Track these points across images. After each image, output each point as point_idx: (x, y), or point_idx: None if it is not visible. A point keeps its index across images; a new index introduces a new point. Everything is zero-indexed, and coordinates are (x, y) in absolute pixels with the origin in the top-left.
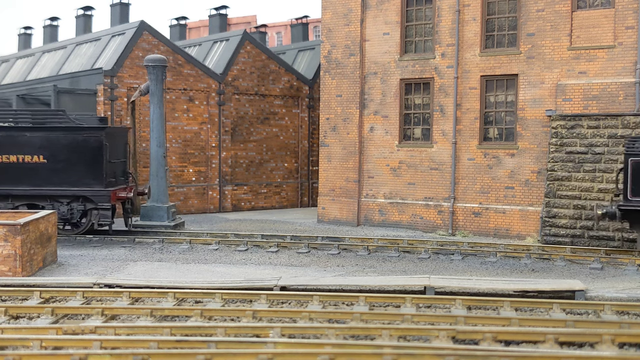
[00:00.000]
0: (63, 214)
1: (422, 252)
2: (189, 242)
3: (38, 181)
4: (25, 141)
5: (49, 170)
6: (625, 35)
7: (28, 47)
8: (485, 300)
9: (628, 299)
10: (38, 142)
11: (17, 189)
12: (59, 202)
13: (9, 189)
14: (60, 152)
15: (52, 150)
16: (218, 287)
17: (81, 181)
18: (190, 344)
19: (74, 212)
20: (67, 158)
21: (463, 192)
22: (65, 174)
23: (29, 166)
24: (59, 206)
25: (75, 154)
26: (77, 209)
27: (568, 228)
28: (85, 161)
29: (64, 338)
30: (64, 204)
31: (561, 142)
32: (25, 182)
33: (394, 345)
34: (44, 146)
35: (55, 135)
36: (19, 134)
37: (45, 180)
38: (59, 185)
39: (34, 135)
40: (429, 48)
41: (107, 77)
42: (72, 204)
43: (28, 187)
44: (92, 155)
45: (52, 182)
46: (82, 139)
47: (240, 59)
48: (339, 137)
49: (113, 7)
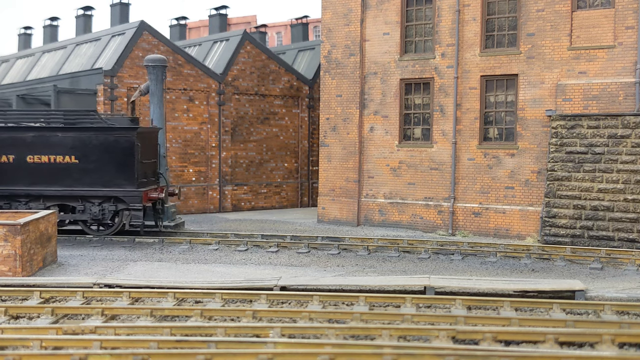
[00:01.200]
0: (95, 215)
1: (422, 252)
2: (189, 242)
3: (70, 181)
4: (57, 141)
5: (81, 170)
6: (625, 35)
7: (28, 47)
8: (485, 300)
9: (628, 299)
10: (70, 142)
11: (48, 190)
12: (90, 203)
13: (41, 190)
14: (92, 152)
15: (84, 151)
16: (218, 287)
17: (113, 182)
18: (190, 344)
19: (106, 212)
20: (99, 158)
21: (463, 192)
22: (97, 175)
23: (60, 166)
24: (90, 207)
25: (106, 154)
26: (108, 210)
27: (568, 228)
28: (116, 161)
29: (64, 338)
30: (95, 205)
31: (561, 142)
32: (57, 182)
33: (394, 345)
34: (76, 146)
35: (87, 136)
36: (51, 134)
37: (77, 180)
38: (91, 185)
39: (66, 136)
40: (429, 48)
41: (107, 77)
42: (104, 205)
43: (60, 187)
44: (123, 156)
45: (84, 183)
46: (114, 139)
47: (240, 59)
48: (339, 137)
49: (113, 7)
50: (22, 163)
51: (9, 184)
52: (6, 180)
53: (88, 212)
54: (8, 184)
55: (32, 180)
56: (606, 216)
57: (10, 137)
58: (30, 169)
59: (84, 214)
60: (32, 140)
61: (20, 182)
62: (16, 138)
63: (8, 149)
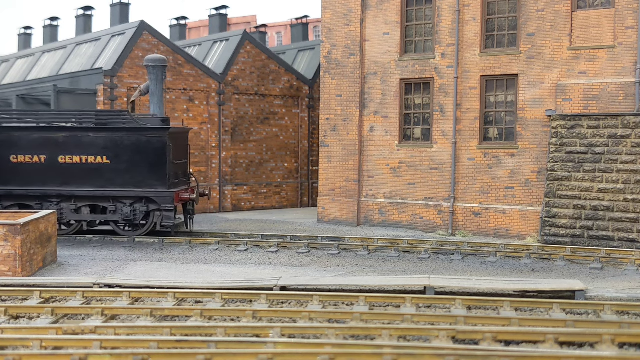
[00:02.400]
0: (126, 215)
1: (422, 252)
2: (189, 242)
3: (101, 182)
4: (89, 142)
5: (112, 171)
6: (625, 35)
7: (28, 47)
8: (485, 300)
9: (628, 299)
10: (101, 142)
11: (80, 190)
12: (121, 203)
13: (73, 190)
14: (124, 152)
15: (116, 151)
16: (218, 287)
17: (144, 182)
18: (190, 344)
19: (137, 213)
20: (131, 159)
21: (463, 192)
22: (128, 175)
23: (92, 167)
24: (122, 207)
25: (138, 155)
26: (139, 210)
27: (568, 228)
28: (148, 162)
29: (64, 338)
30: (127, 205)
31: (561, 142)
32: (89, 182)
33: (394, 345)
34: (108, 147)
35: (118, 136)
36: (83, 135)
37: (109, 181)
38: (122, 186)
39: (98, 136)
40: (429, 48)
41: (107, 77)
42: (135, 205)
43: (91, 188)
44: (155, 156)
45: (116, 183)
46: (146, 140)
47: (240, 59)
48: (339, 137)
49: (113, 7)
50: (54, 163)
51: (41, 184)
52: (38, 181)
53: (119, 213)
54: (40, 184)
55: (64, 180)
56: (606, 216)
57: (42, 137)
58: (62, 169)
59: (115, 214)
60: (64, 141)
61: (52, 182)
62: (48, 138)
63: (40, 149)
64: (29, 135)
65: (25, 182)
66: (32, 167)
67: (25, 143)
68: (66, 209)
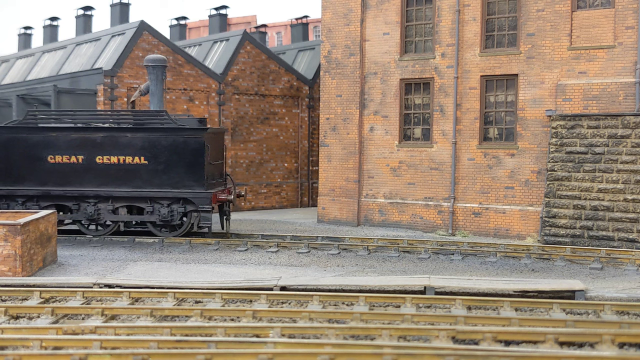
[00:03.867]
0: (163, 216)
1: (422, 252)
2: (189, 242)
3: (139, 182)
4: (127, 142)
5: (150, 171)
6: (625, 35)
7: (28, 47)
8: (485, 300)
9: (628, 299)
10: (139, 143)
11: (117, 191)
12: (159, 204)
13: (110, 191)
14: (162, 153)
15: (153, 152)
16: (218, 287)
17: (182, 183)
18: (190, 344)
19: (174, 214)
20: (168, 159)
21: (463, 192)
22: (166, 176)
23: (129, 167)
24: (159, 208)
25: (176, 155)
26: (177, 211)
27: (568, 228)
28: (186, 163)
29: (64, 338)
30: (164, 206)
31: (561, 142)
32: (126, 183)
33: (394, 345)
34: (145, 147)
35: (156, 136)
36: (120, 135)
37: (146, 181)
38: (160, 187)
39: (135, 136)
40: (429, 48)
41: (107, 77)
42: (172, 206)
43: (129, 188)
44: (193, 157)
45: (153, 184)
46: (183, 140)
47: (240, 59)
48: (339, 137)
49: (113, 7)
50: (91, 164)
51: (78, 185)
52: (75, 181)
53: (157, 214)
54: (77, 185)
55: (101, 181)
56: (606, 216)
57: (80, 138)
58: (99, 169)
59: (153, 215)
60: (101, 141)
61: (89, 183)
62: (86, 138)
63: (77, 150)
64: (66, 135)
65: (62, 182)
66: (69, 168)
67: (62, 143)
68: (103, 210)
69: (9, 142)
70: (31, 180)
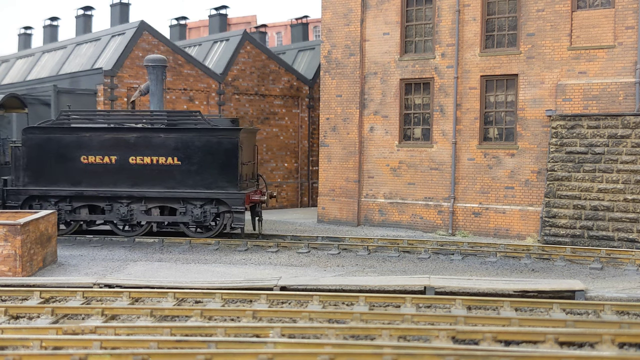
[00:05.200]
0: (196, 217)
1: (422, 252)
2: (189, 242)
3: (172, 183)
4: (160, 142)
5: (183, 172)
6: (625, 35)
7: (28, 47)
8: (485, 300)
9: (628, 299)
10: (172, 143)
11: (150, 191)
12: (192, 205)
13: (143, 191)
14: (195, 153)
15: (186, 152)
16: (218, 287)
17: (215, 184)
18: (190, 344)
19: (207, 215)
20: (201, 160)
21: (463, 192)
22: (199, 176)
23: (162, 168)
24: (192, 209)
25: (209, 156)
26: (210, 212)
27: (568, 228)
28: (219, 163)
29: (64, 338)
30: (197, 207)
31: (561, 142)
32: (159, 184)
33: (394, 345)
34: (178, 148)
35: (189, 137)
36: (154, 135)
37: (180, 182)
38: (193, 187)
39: (169, 137)
40: (429, 48)
41: (107, 77)
42: (205, 207)
43: (162, 189)
44: (226, 157)
45: (186, 185)
46: (217, 141)
47: (240, 59)
48: (339, 137)
49: (113, 7)
50: (124, 164)
51: (112, 185)
52: (108, 182)
53: (189, 214)
54: (110, 185)
55: (134, 181)
56: (606, 216)
57: (113, 138)
58: (132, 170)
59: (185, 216)
60: (135, 141)
61: (123, 183)
62: (119, 139)
63: (111, 150)
64: (99, 135)
65: (95, 183)
66: (102, 168)
67: (95, 144)
68: (136, 210)
69: (43, 142)
70: (64, 181)
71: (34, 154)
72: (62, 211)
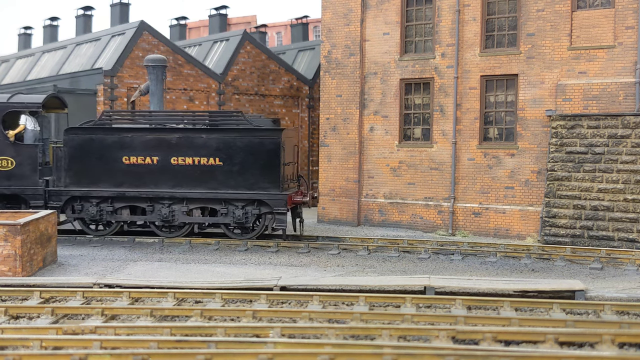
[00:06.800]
0: (238, 218)
1: (422, 252)
2: (189, 242)
3: (214, 184)
4: (202, 143)
5: (225, 173)
6: (625, 35)
7: (28, 47)
8: (485, 300)
9: (628, 299)
10: (214, 144)
11: (192, 192)
12: (233, 206)
13: (185, 192)
14: (237, 154)
15: (228, 153)
16: (218, 287)
17: (257, 184)
18: (190, 344)
19: (249, 216)
20: (243, 160)
21: (463, 192)
22: (241, 177)
23: (204, 168)
24: (233, 210)
25: (251, 156)
26: (251, 213)
27: (568, 228)
28: (261, 164)
29: (64, 338)
30: (238, 208)
31: (561, 142)
32: (201, 185)
33: (394, 345)
34: (220, 148)
35: (231, 137)
36: (196, 136)
37: (222, 183)
38: (235, 188)
39: (211, 137)
40: (429, 48)
41: (107, 77)
42: (247, 208)
43: (203, 190)
44: (268, 158)
45: (228, 185)
46: (259, 141)
47: (240, 59)
48: (339, 137)
49: (113, 7)
50: (166, 165)
51: (153, 186)
52: (150, 182)
53: (231, 216)
54: (152, 186)
55: (176, 182)
56: (606, 216)
57: (155, 139)
58: (174, 170)
59: (227, 217)
60: (176, 142)
61: (164, 184)
62: (161, 139)
63: (152, 150)
64: (141, 136)
65: (137, 183)
66: (144, 169)
67: (137, 144)
68: (178, 211)
69: (84, 143)
70: (106, 182)
71: (75, 154)
72: (103, 212)
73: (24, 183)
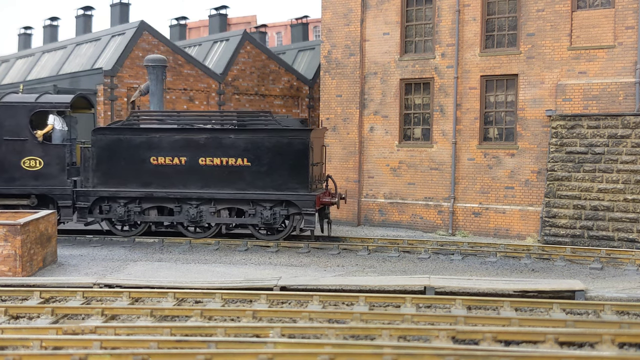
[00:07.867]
0: (266, 219)
1: (422, 252)
2: (189, 242)
3: (242, 185)
4: (230, 143)
5: (253, 173)
6: (625, 35)
7: (28, 47)
8: (485, 300)
9: (628, 299)
10: (242, 144)
11: (220, 193)
12: (261, 207)
13: (213, 193)
14: (265, 154)
15: (256, 153)
16: (218, 287)
17: (285, 185)
18: (190, 344)
19: (277, 216)
20: (271, 161)
21: (463, 192)
22: (269, 178)
23: (232, 169)
24: (261, 210)
25: (279, 157)
26: (279, 214)
27: (568, 228)
28: (289, 164)
29: (64, 338)
30: (266, 209)
31: (561, 142)
32: (229, 185)
33: (394, 345)
34: (248, 148)
35: (259, 137)
36: (224, 136)
37: (249, 184)
38: (263, 189)
39: (239, 138)
40: (429, 48)
41: (107, 77)
42: (275, 209)
43: (231, 190)
44: (297, 158)
45: (256, 186)
46: (287, 142)
47: (240, 59)
48: (339, 137)
49: (113, 7)
50: (194, 165)
51: (181, 187)
52: (178, 183)
53: (259, 216)
54: (180, 187)
55: (204, 183)
56: (606, 216)
57: (184, 139)
58: (202, 171)
59: (255, 217)
60: (205, 142)
61: (192, 184)
62: (189, 140)
63: (181, 151)
64: (169, 136)
65: (165, 184)
66: (172, 169)
67: (165, 144)
68: (205, 212)
69: (112, 143)
70: (134, 182)
71: (103, 154)
72: (131, 212)
73: (52, 183)
